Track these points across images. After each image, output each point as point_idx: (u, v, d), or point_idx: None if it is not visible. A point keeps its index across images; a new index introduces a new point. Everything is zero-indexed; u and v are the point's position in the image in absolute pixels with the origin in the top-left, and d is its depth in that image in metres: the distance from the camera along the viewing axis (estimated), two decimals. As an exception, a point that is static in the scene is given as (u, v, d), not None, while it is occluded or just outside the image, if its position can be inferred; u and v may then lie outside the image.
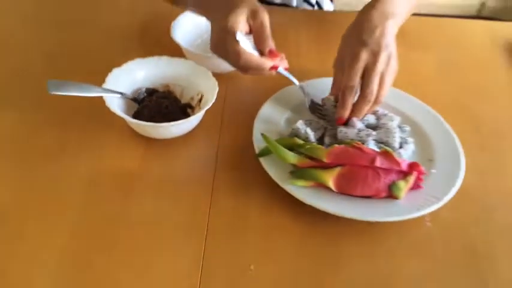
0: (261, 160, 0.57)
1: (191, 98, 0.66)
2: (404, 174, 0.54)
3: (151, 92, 0.66)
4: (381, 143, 0.60)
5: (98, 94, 0.60)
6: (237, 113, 0.66)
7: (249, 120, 0.62)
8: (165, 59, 0.67)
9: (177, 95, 0.67)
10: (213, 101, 0.60)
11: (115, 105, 0.60)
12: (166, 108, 0.64)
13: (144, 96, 0.65)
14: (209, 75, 0.64)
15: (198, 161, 0.61)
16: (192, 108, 0.66)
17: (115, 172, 0.58)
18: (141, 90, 0.66)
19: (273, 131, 0.61)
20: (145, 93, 0.66)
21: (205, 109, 0.60)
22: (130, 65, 0.65)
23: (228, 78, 0.71)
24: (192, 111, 0.65)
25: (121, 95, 0.62)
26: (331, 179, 0.54)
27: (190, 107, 0.66)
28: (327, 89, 0.65)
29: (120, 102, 0.62)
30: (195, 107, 0.66)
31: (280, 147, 0.56)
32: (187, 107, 0.66)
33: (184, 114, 0.65)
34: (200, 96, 0.65)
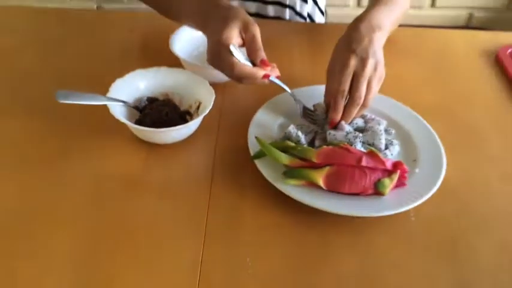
0: (256, 162, 0.61)
1: (189, 105, 0.70)
2: (389, 173, 0.58)
3: (152, 100, 0.70)
4: (368, 144, 0.64)
5: (103, 102, 0.63)
6: (233, 119, 0.70)
7: (244, 126, 0.66)
8: (164, 69, 0.71)
9: (176, 103, 0.71)
10: (210, 107, 0.64)
11: (118, 113, 0.63)
12: (166, 115, 0.67)
13: (146, 105, 0.69)
14: (206, 84, 0.68)
15: (196, 164, 0.64)
16: (190, 115, 0.69)
17: (119, 175, 0.61)
18: (142, 99, 0.69)
19: (266, 135, 0.65)
20: (146, 102, 0.69)
21: (203, 115, 0.64)
22: (132, 75, 0.69)
23: (224, 87, 0.75)
24: (190, 118, 0.69)
25: (124, 104, 0.66)
26: (321, 178, 0.57)
27: (189, 114, 0.70)
28: (318, 95, 0.69)
29: (123, 110, 0.66)
30: (194, 114, 0.69)
31: (273, 149, 0.60)
32: (186, 114, 0.70)
33: (184, 121, 0.69)
34: (198, 104, 0.69)
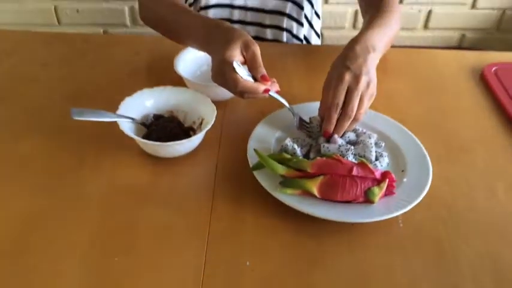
0: (255, 173, 0.65)
1: (193, 122, 0.75)
2: (378, 182, 0.62)
3: (158, 117, 0.74)
4: (359, 156, 0.69)
5: (113, 119, 0.68)
6: (234, 134, 0.75)
7: (244, 140, 0.70)
8: (169, 88, 0.76)
9: (180, 120, 0.75)
10: (212, 123, 0.68)
11: (127, 129, 0.68)
12: (171, 131, 0.71)
13: (152, 121, 0.74)
14: (208, 101, 0.73)
15: (200, 176, 0.69)
16: (194, 131, 0.74)
17: (127, 186, 0.66)
18: (149, 116, 0.74)
19: (265, 148, 0.69)
20: (153, 119, 0.74)
21: (206, 130, 0.68)
22: (140, 94, 0.74)
23: (225, 104, 0.80)
24: (194, 133, 0.74)
25: (132, 120, 0.71)
26: (315, 187, 0.62)
27: (192, 129, 0.74)
28: (313, 111, 0.74)
29: (131, 126, 0.71)
30: (197, 129, 0.74)
31: (271, 160, 0.64)
32: (190, 130, 0.74)
33: (187, 136, 0.73)
34: (201, 120, 0.74)
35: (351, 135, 0.73)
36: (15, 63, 0.89)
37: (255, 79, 0.67)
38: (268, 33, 1.08)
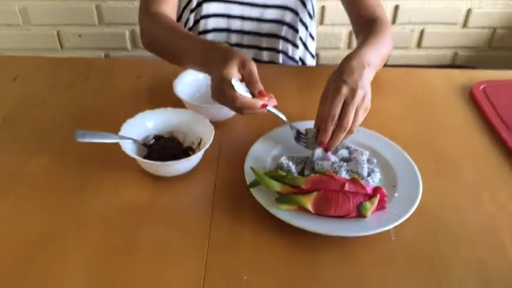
0: (252, 190, 0.67)
1: (192, 142, 0.78)
2: (369, 197, 0.65)
3: (158, 138, 0.77)
4: (352, 172, 0.71)
5: (115, 140, 0.71)
6: (231, 153, 0.77)
7: (241, 158, 0.73)
8: (169, 110, 0.79)
9: (180, 140, 0.78)
10: (210, 142, 0.71)
11: (129, 149, 0.70)
12: (171, 151, 0.74)
13: (153, 142, 0.77)
14: (207, 122, 0.76)
15: (199, 193, 0.71)
16: (193, 151, 0.77)
17: (129, 204, 0.68)
18: (150, 137, 0.77)
19: (261, 166, 0.72)
20: (153, 139, 0.77)
21: (204, 149, 0.71)
22: (141, 116, 0.77)
23: (223, 125, 0.83)
24: (193, 153, 0.76)
25: (133, 141, 0.74)
26: (309, 202, 0.64)
27: (191, 149, 0.77)
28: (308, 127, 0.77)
29: (132, 146, 0.73)
30: (196, 149, 0.77)
31: (267, 178, 0.67)
32: (189, 150, 0.77)
33: (187, 155, 0.76)
34: (199, 140, 0.77)
35: (344, 152, 0.75)
36: (23, 87, 0.93)
37: (253, 95, 0.69)
38: (265, 55, 1.12)
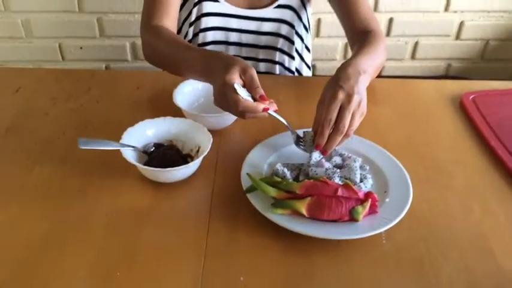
0: (248, 195, 0.70)
1: (190, 150, 0.80)
2: (361, 201, 0.67)
3: (158, 145, 0.80)
4: (345, 179, 0.74)
5: (116, 148, 0.74)
6: (228, 160, 0.80)
7: (238, 165, 0.75)
8: (168, 119, 0.81)
9: (179, 148, 0.80)
10: (208, 150, 0.74)
11: (129, 157, 0.73)
12: (171, 158, 0.77)
13: (153, 149, 0.79)
14: (205, 130, 0.78)
15: (197, 199, 0.74)
16: (191, 158, 0.79)
17: (130, 209, 0.71)
18: (150, 145, 0.79)
19: (257, 173, 0.74)
20: (153, 147, 0.79)
21: (202, 156, 0.74)
22: (141, 124, 0.79)
23: (220, 133, 0.86)
24: (191, 160, 0.79)
25: (134, 148, 0.76)
26: (303, 207, 0.66)
27: (190, 157, 0.80)
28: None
29: (133, 154, 0.76)
30: (194, 156, 0.79)
31: (262, 183, 0.69)
32: (188, 157, 0.79)
33: (185, 162, 0.78)
34: (198, 148, 0.79)
35: (338, 159, 0.78)
36: (26, 98, 0.96)
37: (255, 100, 0.72)
38: (262, 67, 1.15)
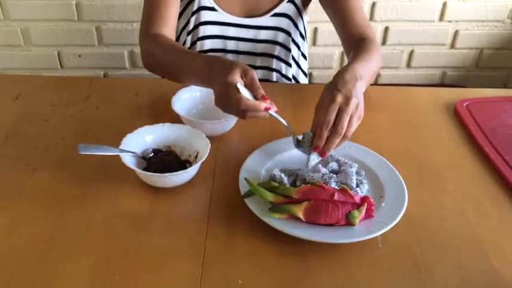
0: (246, 200, 0.71)
1: (189, 155, 0.81)
2: (357, 206, 0.68)
3: (157, 151, 0.81)
4: (341, 184, 0.75)
5: (116, 153, 0.75)
6: (226, 166, 0.81)
7: (236, 171, 0.77)
8: (167, 125, 0.82)
9: (177, 154, 0.81)
10: (207, 155, 0.75)
11: (129, 162, 0.74)
12: (169, 163, 0.78)
13: (151, 155, 0.81)
14: (203, 136, 0.79)
15: (195, 204, 0.75)
16: (190, 164, 0.80)
17: (129, 214, 0.72)
18: (149, 150, 0.80)
19: (255, 178, 0.75)
20: (152, 153, 0.80)
21: (201, 162, 0.75)
22: (140, 130, 0.80)
23: (219, 140, 0.87)
24: (190, 165, 0.80)
25: (133, 154, 0.77)
26: (300, 211, 0.68)
27: (188, 162, 0.81)
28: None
29: (132, 159, 0.77)
30: (192, 162, 0.80)
31: (260, 188, 0.70)
32: (186, 163, 0.81)
33: (184, 168, 0.79)
34: (196, 154, 0.80)
35: (334, 165, 0.79)
36: (27, 104, 0.97)
37: (256, 99, 0.73)
38: (259, 74, 1.17)
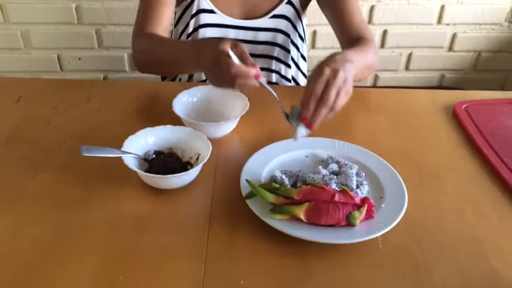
0: (247, 201, 0.71)
1: (190, 157, 0.82)
2: (358, 207, 0.69)
3: (158, 153, 0.81)
4: (342, 185, 0.76)
5: (118, 155, 0.75)
6: (227, 167, 0.82)
7: (237, 172, 0.77)
8: (168, 127, 0.83)
9: (179, 155, 0.82)
10: (208, 157, 0.76)
11: (131, 164, 0.75)
12: (171, 165, 0.78)
13: (153, 157, 0.81)
14: (204, 138, 0.80)
15: (197, 205, 0.75)
16: (191, 165, 0.81)
17: (131, 215, 0.72)
18: (150, 152, 0.81)
19: (256, 179, 0.76)
20: (154, 155, 0.81)
21: (202, 163, 0.75)
22: (142, 132, 0.81)
23: (219, 141, 0.88)
24: (191, 167, 0.81)
25: (135, 156, 0.78)
26: (301, 212, 0.68)
27: (190, 164, 0.81)
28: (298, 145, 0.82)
29: (134, 161, 0.78)
30: (194, 164, 0.81)
31: (262, 190, 0.71)
32: (188, 165, 0.81)
33: (185, 170, 0.80)
34: (197, 156, 0.81)
35: (334, 166, 0.80)
36: (29, 107, 0.97)
37: None
38: (259, 76, 1.18)
